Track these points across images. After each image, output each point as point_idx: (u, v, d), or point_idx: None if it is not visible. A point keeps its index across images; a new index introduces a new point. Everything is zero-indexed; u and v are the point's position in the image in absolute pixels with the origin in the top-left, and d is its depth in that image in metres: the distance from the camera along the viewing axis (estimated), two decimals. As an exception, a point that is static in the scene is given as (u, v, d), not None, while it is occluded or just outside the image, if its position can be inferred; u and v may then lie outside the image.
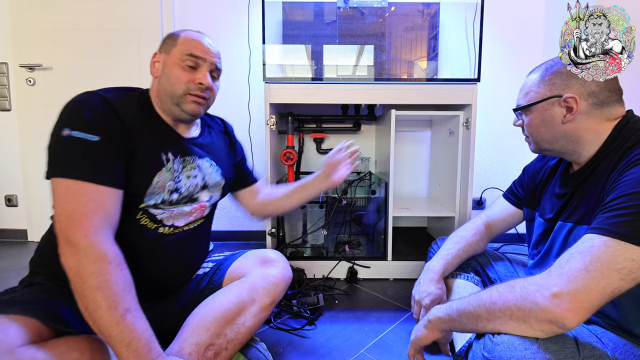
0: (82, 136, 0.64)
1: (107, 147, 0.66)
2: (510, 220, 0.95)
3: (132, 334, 0.57)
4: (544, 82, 0.71)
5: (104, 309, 0.57)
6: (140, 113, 0.75)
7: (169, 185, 0.76)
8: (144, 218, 0.75)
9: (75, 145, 0.64)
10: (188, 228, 0.82)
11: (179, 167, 0.78)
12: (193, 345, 0.69)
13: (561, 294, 0.51)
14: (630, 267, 0.50)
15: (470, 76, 1.42)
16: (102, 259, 0.59)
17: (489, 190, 1.91)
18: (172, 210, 0.78)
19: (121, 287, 0.59)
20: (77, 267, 0.59)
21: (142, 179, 0.73)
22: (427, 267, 0.92)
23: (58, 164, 0.64)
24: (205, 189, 0.84)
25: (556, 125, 0.70)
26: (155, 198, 0.74)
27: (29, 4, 1.80)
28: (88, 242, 0.60)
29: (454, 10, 1.57)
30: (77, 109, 0.66)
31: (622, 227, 0.52)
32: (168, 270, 0.81)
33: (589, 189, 0.67)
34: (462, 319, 0.63)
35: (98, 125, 0.66)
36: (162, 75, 0.78)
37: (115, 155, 0.67)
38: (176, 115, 0.80)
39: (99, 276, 0.58)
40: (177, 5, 1.82)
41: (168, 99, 0.78)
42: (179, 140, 0.80)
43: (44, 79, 1.85)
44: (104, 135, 0.66)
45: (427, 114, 1.47)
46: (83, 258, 0.59)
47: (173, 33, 0.81)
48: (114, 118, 0.69)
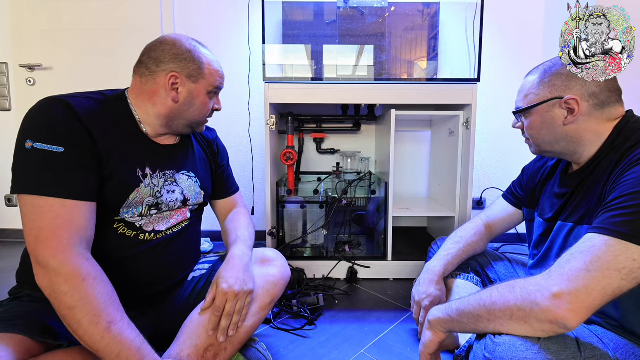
0: (45, 148, 0.60)
1: (74, 157, 0.62)
2: (510, 221, 0.95)
3: (119, 345, 0.57)
4: (543, 83, 0.71)
5: (86, 326, 0.56)
6: (111, 119, 0.71)
7: (148, 200, 0.74)
8: (122, 227, 0.73)
9: (39, 158, 0.60)
10: (171, 232, 0.80)
11: (159, 182, 0.76)
12: (192, 347, 0.69)
13: (562, 294, 0.51)
14: (632, 266, 0.50)
15: (470, 76, 1.42)
16: (75, 277, 0.57)
17: (489, 190, 1.91)
18: (152, 217, 0.76)
19: (101, 301, 0.58)
20: (50, 288, 0.57)
21: (118, 194, 0.70)
22: (427, 267, 0.92)
23: (22, 179, 0.60)
24: (185, 205, 0.82)
25: (557, 127, 0.70)
26: (132, 212, 0.73)
27: (29, 4, 1.80)
28: (57, 261, 0.57)
29: (454, 10, 1.57)
30: (39, 118, 0.63)
31: (624, 227, 0.52)
32: (155, 276, 0.79)
33: (589, 188, 0.67)
34: (462, 319, 0.63)
35: (62, 135, 0.62)
36: (185, 102, 0.77)
37: (84, 166, 0.64)
38: (180, 133, 0.82)
39: (74, 295, 0.56)
40: (177, 5, 1.82)
41: (183, 122, 0.79)
42: (158, 151, 0.78)
43: (44, 79, 1.85)
44: (69, 145, 0.62)
45: (427, 114, 1.47)
46: (55, 278, 0.57)
47: (195, 57, 0.76)
48: (78, 126, 0.64)
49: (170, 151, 0.81)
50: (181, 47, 0.76)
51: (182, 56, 0.75)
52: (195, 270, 0.90)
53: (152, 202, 0.75)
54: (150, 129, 0.77)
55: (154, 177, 0.75)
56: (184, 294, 0.84)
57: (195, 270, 0.90)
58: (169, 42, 0.76)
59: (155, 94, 0.75)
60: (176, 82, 0.75)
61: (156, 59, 0.74)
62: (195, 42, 0.79)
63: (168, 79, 0.74)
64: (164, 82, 0.74)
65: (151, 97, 0.75)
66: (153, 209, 0.76)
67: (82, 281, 0.57)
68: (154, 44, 0.76)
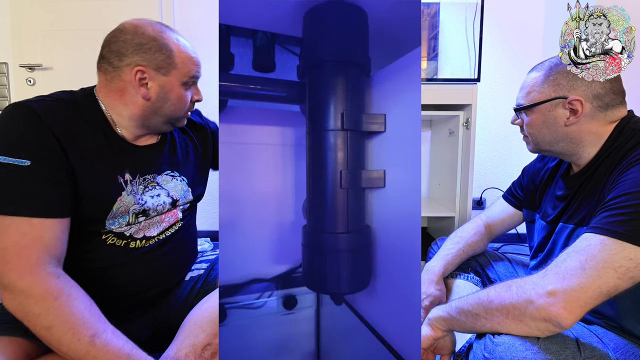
0: (9, 162, 0.56)
1: (41, 171, 0.58)
2: (510, 222, 0.94)
3: (108, 355, 0.55)
4: (548, 81, 0.69)
5: (68, 343, 0.54)
6: (82, 124, 0.65)
7: (133, 208, 0.70)
8: (110, 237, 0.69)
9: (4, 174, 0.56)
10: (163, 236, 0.77)
11: (138, 189, 0.71)
12: (190, 346, 0.68)
13: (556, 292, 0.51)
14: (628, 266, 0.50)
15: (470, 76, 1.42)
16: (46, 297, 0.54)
17: (489, 190, 1.91)
18: (141, 224, 0.73)
19: (78, 317, 0.55)
20: (21, 311, 0.54)
21: (98, 205, 0.66)
22: (426, 267, 0.92)
23: None
24: (175, 206, 0.79)
25: (558, 127, 0.69)
26: (119, 221, 0.69)
27: (29, 3, 1.80)
28: (25, 283, 0.54)
29: (454, 10, 1.57)
30: (4, 127, 0.58)
31: (620, 226, 0.52)
32: (150, 281, 0.77)
33: (590, 190, 0.67)
34: (461, 318, 0.63)
35: (27, 146, 0.57)
36: (158, 98, 0.69)
37: (53, 180, 0.59)
38: (160, 131, 0.75)
39: (48, 315, 0.54)
40: (177, 5, 1.82)
41: (160, 120, 0.72)
42: (137, 154, 0.72)
43: (44, 79, 1.85)
44: (36, 158, 0.57)
45: (427, 114, 1.47)
46: (24, 300, 0.54)
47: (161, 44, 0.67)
48: (48, 136, 0.59)
49: (150, 152, 0.75)
50: (144, 34, 0.66)
51: (145, 46, 0.66)
52: (193, 270, 0.90)
53: (138, 210, 0.71)
54: (126, 131, 0.71)
55: (134, 183, 0.71)
56: (182, 295, 0.84)
57: (193, 270, 0.90)
58: (129, 30, 0.67)
59: (124, 92, 0.68)
60: (144, 77, 0.67)
61: (117, 51, 0.66)
62: (163, 27, 0.70)
63: (134, 74, 0.66)
64: (130, 78, 0.67)
65: (120, 96, 0.68)
66: (141, 216, 0.72)
67: (54, 300, 0.54)
68: (114, 34, 0.67)
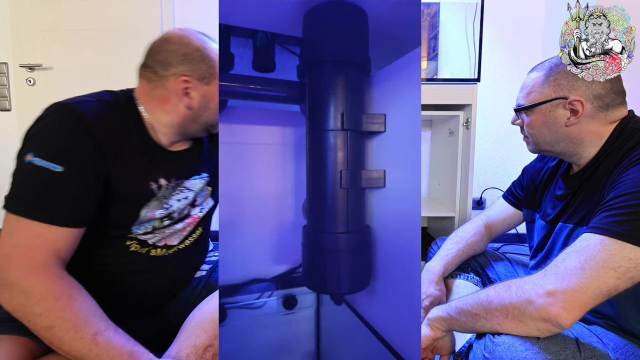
0: (43, 165, 0.56)
1: (72, 179, 0.57)
2: (510, 221, 0.94)
3: (110, 352, 0.55)
4: (548, 82, 0.69)
5: (69, 343, 0.54)
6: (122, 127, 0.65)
7: (158, 213, 0.71)
8: (134, 244, 0.70)
9: (34, 176, 0.56)
10: (183, 246, 0.79)
11: (168, 193, 0.72)
12: (191, 347, 0.68)
13: (556, 292, 0.51)
14: (627, 266, 0.50)
15: (470, 76, 1.42)
16: (48, 297, 0.54)
17: (489, 190, 1.91)
18: (165, 232, 0.74)
19: (80, 317, 0.55)
20: (21, 311, 0.54)
21: (127, 211, 0.66)
22: (426, 267, 0.92)
23: (14, 196, 0.57)
24: (194, 205, 0.80)
25: (559, 128, 0.69)
26: (145, 226, 0.70)
27: (29, 3, 1.80)
28: (28, 283, 0.54)
29: (454, 10, 1.57)
30: (45, 129, 0.58)
31: (619, 226, 0.52)
32: (161, 288, 0.78)
33: (590, 190, 0.67)
34: (461, 318, 0.63)
35: (65, 152, 0.57)
36: (200, 107, 0.70)
37: (82, 189, 0.59)
38: (195, 137, 0.76)
39: (49, 315, 0.53)
40: (177, 5, 1.82)
41: (198, 127, 0.73)
42: (172, 159, 0.73)
43: (44, 79, 1.85)
44: (71, 165, 0.57)
45: (427, 114, 1.47)
46: (25, 301, 0.53)
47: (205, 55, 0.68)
48: (88, 142, 0.59)
49: (183, 158, 0.76)
50: (189, 45, 0.67)
51: (191, 56, 0.67)
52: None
53: (163, 215, 0.72)
54: (163, 137, 0.71)
55: (166, 188, 0.72)
56: (185, 296, 0.85)
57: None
58: (175, 40, 0.68)
59: (166, 100, 0.69)
60: (188, 87, 0.68)
61: (163, 61, 0.67)
62: (204, 37, 0.71)
63: (179, 83, 0.67)
64: (174, 87, 0.67)
65: (162, 104, 0.69)
66: (166, 220, 0.73)
67: (55, 300, 0.54)
68: (159, 44, 0.68)
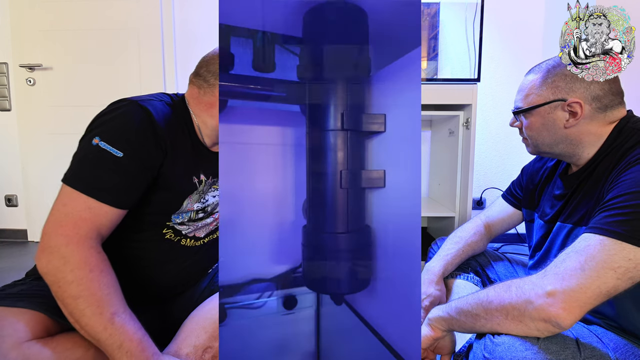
0: (106, 148, 0.62)
1: (128, 166, 0.64)
2: (510, 221, 0.94)
3: (122, 335, 0.57)
4: (546, 84, 0.69)
5: (89, 316, 0.56)
6: (179, 128, 0.73)
7: (196, 205, 0.77)
8: (170, 233, 0.76)
9: (97, 157, 0.62)
10: (208, 239, 0.83)
11: (207, 189, 0.78)
12: (191, 346, 0.69)
13: (555, 293, 0.51)
14: (627, 266, 0.50)
15: (470, 76, 1.42)
16: (83, 267, 0.57)
17: (489, 190, 1.91)
18: (197, 225, 0.80)
19: (105, 292, 0.58)
20: (54, 275, 0.57)
21: (172, 201, 0.73)
22: (426, 267, 0.92)
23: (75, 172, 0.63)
24: None
25: (558, 130, 0.69)
26: (182, 216, 0.76)
27: (29, 3, 1.80)
28: (69, 250, 0.58)
29: (454, 10, 1.57)
30: (117, 120, 0.65)
31: (619, 227, 0.52)
32: (182, 278, 0.82)
33: (588, 190, 0.67)
34: (461, 318, 0.63)
35: (129, 142, 0.64)
36: None
37: (135, 176, 0.65)
38: None
39: (79, 285, 0.57)
40: (177, 5, 1.82)
41: None
42: (212, 159, 0.80)
43: (44, 79, 1.85)
44: (130, 153, 0.63)
45: (427, 114, 1.47)
46: (62, 266, 0.57)
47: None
48: (150, 139, 0.66)
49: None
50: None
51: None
52: None
53: (200, 207, 0.78)
54: (207, 139, 0.78)
55: (205, 184, 0.78)
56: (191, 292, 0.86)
57: None
58: None
59: (213, 105, 0.76)
60: None
61: (215, 72, 0.76)
62: None
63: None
64: None
65: (209, 109, 0.76)
66: (201, 213, 0.78)
67: (89, 272, 0.58)
68: (213, 57, 0.77)
